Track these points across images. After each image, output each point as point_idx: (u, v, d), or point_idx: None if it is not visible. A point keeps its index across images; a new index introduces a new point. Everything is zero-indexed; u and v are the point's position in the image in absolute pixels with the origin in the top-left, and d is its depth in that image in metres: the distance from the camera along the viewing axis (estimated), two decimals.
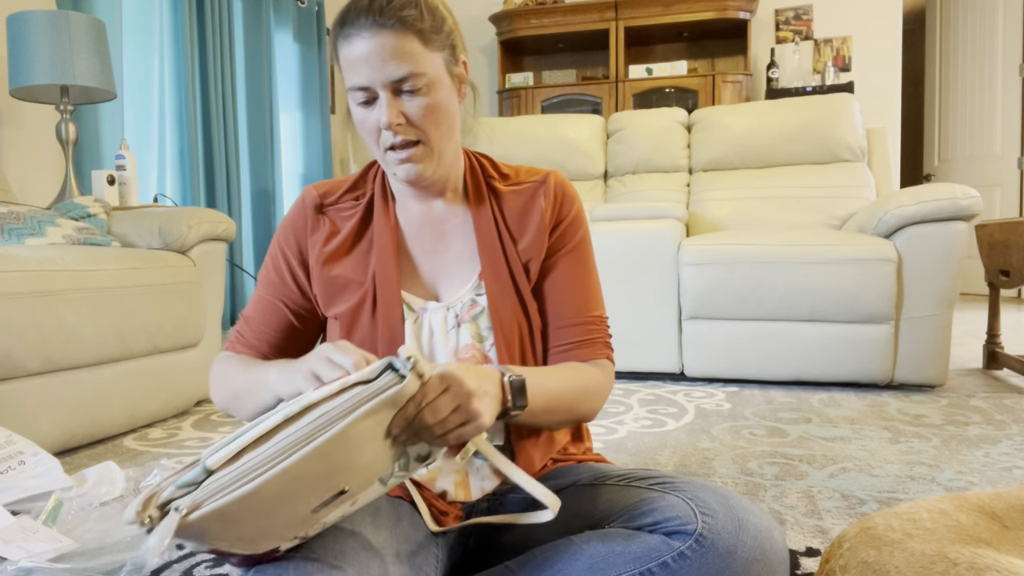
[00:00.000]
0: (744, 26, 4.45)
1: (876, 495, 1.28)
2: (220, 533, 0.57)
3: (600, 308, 0.93)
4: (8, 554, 1.01)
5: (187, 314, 1.97)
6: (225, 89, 3.59)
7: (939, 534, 0.69)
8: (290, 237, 0.92)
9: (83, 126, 2.75)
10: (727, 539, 0.67)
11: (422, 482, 0.84)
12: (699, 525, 0.68)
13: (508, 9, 4.71)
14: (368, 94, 0.80)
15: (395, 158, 0.83)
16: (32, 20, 2.15)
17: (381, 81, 0.79)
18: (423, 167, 0.84)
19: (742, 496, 0.74)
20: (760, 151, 2.93)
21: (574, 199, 0.93)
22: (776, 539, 0.70)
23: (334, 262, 0.89)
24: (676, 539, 0.68)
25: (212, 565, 1.04)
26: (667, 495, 0.73)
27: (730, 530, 0.68)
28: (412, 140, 0.82)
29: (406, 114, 0.81)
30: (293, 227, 0.92)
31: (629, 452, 1.58)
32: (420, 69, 0.79)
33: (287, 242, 0.92)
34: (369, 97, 0.80)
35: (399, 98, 0.80)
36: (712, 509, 0.69)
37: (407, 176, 0.84)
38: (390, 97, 0.79)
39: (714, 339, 2.28)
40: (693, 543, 0.67)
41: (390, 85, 0.79)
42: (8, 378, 1.50)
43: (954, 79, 5.21)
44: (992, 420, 1.80)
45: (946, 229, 2.08)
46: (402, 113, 0.80)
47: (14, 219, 1.82)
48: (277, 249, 0.92)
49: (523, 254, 0.89)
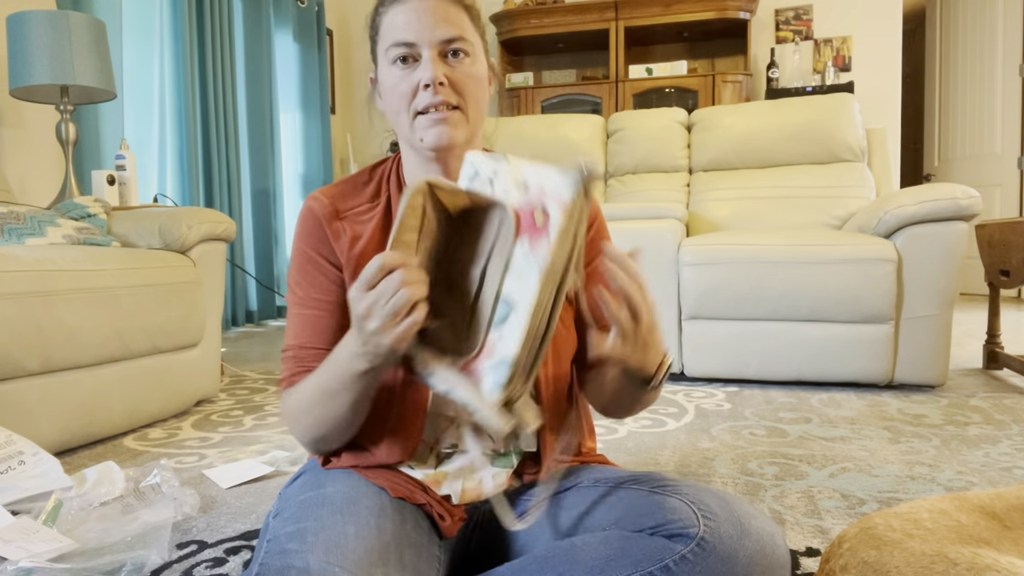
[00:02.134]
0: (744, 26, 4.45)
1: (876, 495, 1.28)
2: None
3: None
4: (8, 554, 1.01)
5: (187, 314, 1.97)
6: (225, 89, 3.59)
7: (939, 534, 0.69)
8: (314, 245, 0.86)
9: (83, 126, 2.75)
10: (729, 543, 0.67)
11: (427, 484, 0.83)
12: (701, 528, 0.68)
13: (508, 9, 4.71)
14: (411, 51, 0.79)
15: (429, 120, 0.80)
16: (32, 20, 2.15)
17: (431, 40, 0.78)
18: (456, 133, 0.81)
19: (744, 500, 0.74)
20: (760, 151, 2.93)
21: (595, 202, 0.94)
22: (778, 544, 0.70)
23: (364, 261, 0.84)
24: (678, 542, 0.68)
25: (212, 565, 1.04)
26: (669, 498, 0.73)
27: (732, 534, 0.67)
28: (452, 104, 0.80)
29: (450, 76, 0.79)
30: (314, 237, 0.86)
31: (629, 452, 1.58)
32: (469, 37, 0.80)
33: (315, 249, 0.86)
34: (411, 54, 0.79)
35: (444, 61, 0.80)
36: (714, 513, 0.69)
37: (438, 140, 0.80)
38: (436, 56, 0.79)
39: (714, 339, 2.28)
40: (695, 547, 0.67)
41: (439, 45, 0.79)
42: (8, 378, 1.50)
43: (954, 79, 5.21)
44: (992, 420, 1.80)
45: (946, 229, 2.08)
46: (446, 75, 0.79)
47: (14, 219, 1.82)
48: (304, 259, 0.86)
49: None
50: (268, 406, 2.11)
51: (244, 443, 1.71)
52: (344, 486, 0.78)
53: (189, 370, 2.01)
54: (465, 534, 0.86)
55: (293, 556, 0.66)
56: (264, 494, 1.35)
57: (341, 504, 0.74)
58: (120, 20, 2.90)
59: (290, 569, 0.64)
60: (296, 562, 0.65)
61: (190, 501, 1.26)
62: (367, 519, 0.72)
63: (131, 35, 3.10)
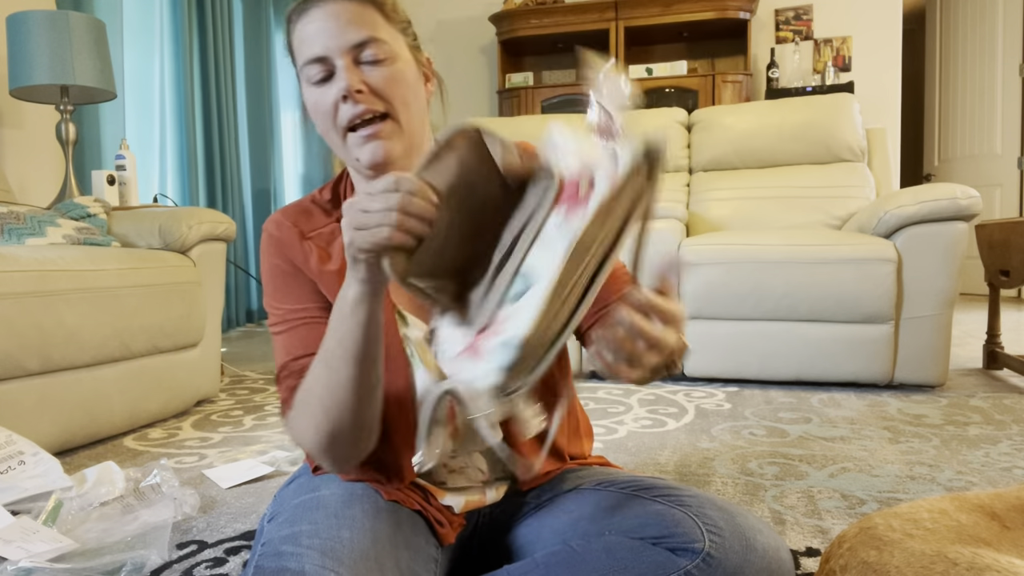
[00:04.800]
0: (744, 26, 4.44)
1: (876, 495, 1.28)
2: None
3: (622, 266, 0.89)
4: (8, 554, 1.01)
5: (187, 314, 1.97)
6: (225, 89, 3.59)
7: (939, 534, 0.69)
8: (286, 258, 0.81)
9: (83, 126, 2.75)
10: (735, 560, 0.66)
11: (430, 489, 0.82)
12: (706, 544, 0.67)
13: (508, 9, 4.71)
14: (324, 68, 0.73)
15: (360, 137, 0.74)
16: (32, 20, 2.15)
17: (339, 47, 0.72)
18: (391, 146, 0.74)
19: (748, 513, 0.73)
20: (760, 151, 2.93)
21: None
22: (783, 559, 0.69)
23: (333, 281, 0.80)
24: (682, 556, 0.67)
25: (212, 565, 1.04)
26: (672, 509, 0.72)
27: (737, 550, 0.67)
28: (379, 112, 0.74)
29: (368, 82, 0.73)
30: (283, 252, 0.81)
31: (629, 452, 1.58)
32: (382, 36, 0.74)
33: (287, 262, 0.81)
34: (325, 72, 0.74)
35: (359, 68, 0.73)
36: (719, 527, 0.68)
37: (373, 157, 0.74)
38: (349, 64, 0.72)
39: (714, 339, 2.28)
40: (700, 563, 0.66)
41: (350, 52, 0.73)
42: (8, 378, 1.50)
43: (954, 79, 5.21)
44: (992, 420, 1.80)
45: (946, 229, 2.08)
46: (363, 82, 0.73)
47: (14, 219, 1.82)
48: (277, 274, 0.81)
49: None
50: (268, 406, 2.11)
51: (244, 443, 1.71)
52: (340, 489, 0.77)
53: (189, 370, 2.01)
54: (465, 538, 0.85)
55: (288, 559, 0.65)
56: (264, 494, 1.35)
57: (336, 507, 0.73)
58: (120, 20, 2.90)
59: (285, 572, 0.64)
60: (291, 564, 0.64)
61: (190, 501, 1.26)
62: (362, 522, 0.71)
63: (131, 35, 3.10)
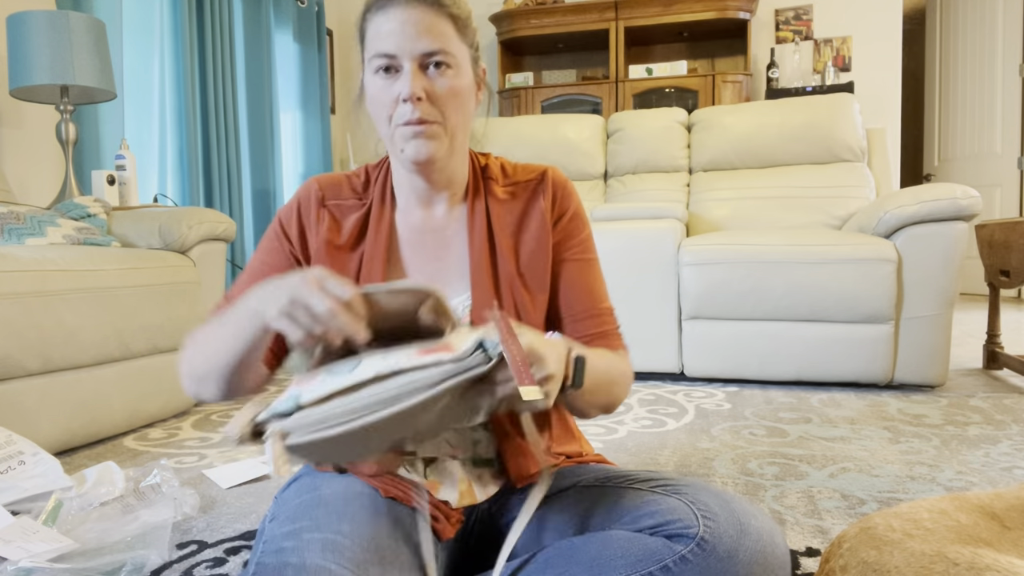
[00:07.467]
0: (744, 26, 4.44)
1: (876, 495, 1.28)
2: (309, 455, 0.66)
3: (608, 300, 0.92)
4: (8, 554, 1.01)
5: (187, 314, 1.97)
6: (225, 89, 3.59)
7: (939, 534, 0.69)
8: (293, 221, 0.89)
9: (83, 126, 2.75)
10: (728, 543, 0.67)
11: (427, 486, 0.83)
12: (700, 528, 0.68)
13: (508, 9, 4.71)
14: (392, 62, 0.78)
15: (408, 132, 0.79)
16: (32, 20, 2.15)
17: (411, 52, 0.77)
18: (435, 147, 0.80)
19: (743, 499, 0.74)
20: (760, 151, 2.93)
21: (572, 193, 0.92)
22: (778, 543, 0.70)
23: (331, 257, 0.87)
24: (677, 542, 0.68)
25: (212, 565, 1.04)
26: (668, 497, 0.73)
27: (731, 534, 0.68)
28: (430, 119, 0.79)
29: (429, 91, 0.78)
30: (298, 213, 0.90)
31: (629, 452, 1.58)
32: (451, 49, 0.79)
33: (290, 225, 0.89)
34: (392, 65, 0.78)
35: (424, 73, 0.78)
36: (713, 512, 0.69)
37: (416, 154, 0.80)
38: (416, 69, 0.77)
39: (714, 339, 2.28)
40: (695, 547, 0.67)
41: (419, 58, 0.77)
42: (8, 378, 1.50)
43: (954, 79, 5.21)
44: (992, 420, 1.80)
45: (946, 229, 2.08)
46: (425, 89, 0.78)
47: (14, 219, 1.82)
48: (279, 229, 0.90)
49: (523, 262, 0.87)
50: None
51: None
52: (340, 487, 0.78)
53: None
54: (464, 534, 0.85)
55: (289, 554, 0.66)
56: (264, 494, 1.35)
57: (337, 504, 0.74)
58: (120, 20, 2.90)
59: (286, 567, 0.64)
60: (292, 559, 0.65)
61: (190, 501, 1.26)
62: (363, 518, 0.72)
63: (131, 35, 3.10)
